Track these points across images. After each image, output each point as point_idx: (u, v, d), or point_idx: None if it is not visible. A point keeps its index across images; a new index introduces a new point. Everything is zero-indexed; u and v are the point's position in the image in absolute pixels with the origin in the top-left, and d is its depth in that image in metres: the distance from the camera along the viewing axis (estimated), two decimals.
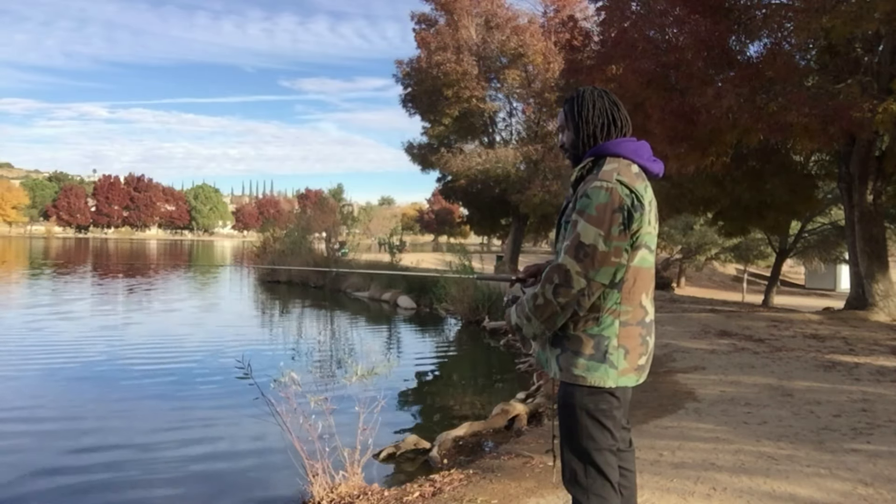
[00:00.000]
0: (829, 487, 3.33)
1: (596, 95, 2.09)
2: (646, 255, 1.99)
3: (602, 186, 1.91)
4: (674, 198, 14.59)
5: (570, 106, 2.12)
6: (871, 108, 8.76)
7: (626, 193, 1.91)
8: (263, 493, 4.45)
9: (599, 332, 1.96)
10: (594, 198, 1.91)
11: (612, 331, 1.96)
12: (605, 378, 1.95)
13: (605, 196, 1.90)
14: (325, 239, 24.52)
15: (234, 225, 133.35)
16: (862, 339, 8.69)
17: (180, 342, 10.74)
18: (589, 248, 1.89)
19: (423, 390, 7.95)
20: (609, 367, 1.95)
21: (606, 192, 1.90)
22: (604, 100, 2.09)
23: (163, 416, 6.36)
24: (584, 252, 1.89)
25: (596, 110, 2.07)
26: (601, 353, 1.95)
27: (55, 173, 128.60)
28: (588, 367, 1.96)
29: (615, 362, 1.95)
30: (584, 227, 1.90)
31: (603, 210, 1.89)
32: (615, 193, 1.90)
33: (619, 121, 2.08)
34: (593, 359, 1.96)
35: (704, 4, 10.11)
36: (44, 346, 9.84)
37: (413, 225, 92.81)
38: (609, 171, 1.95)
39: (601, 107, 2.07)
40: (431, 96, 25.14)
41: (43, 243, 67.16)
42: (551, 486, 3.43)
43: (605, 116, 2.07)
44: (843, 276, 30.54)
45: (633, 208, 1.91)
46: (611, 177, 1.93)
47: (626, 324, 1.97)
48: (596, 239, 1.89)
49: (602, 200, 1.90)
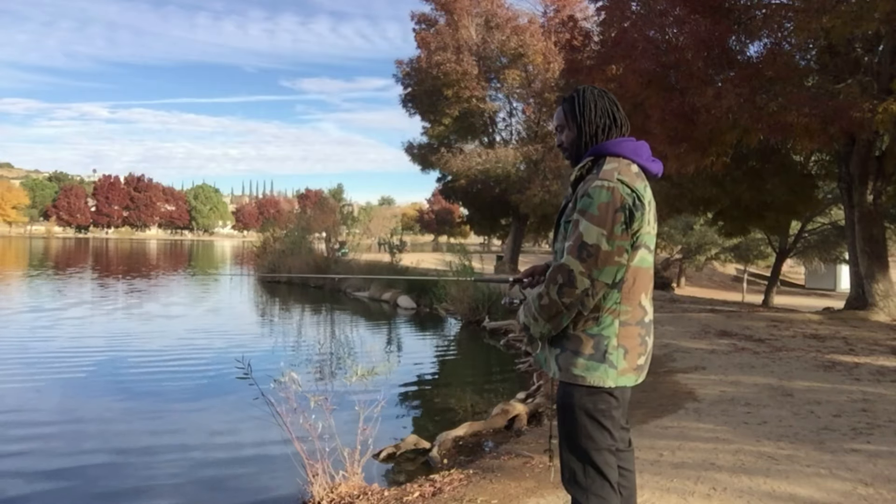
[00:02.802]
0: (829, 487, 3.32)
1: (597, 95, 2.09)
2: (645, 255, 1.99)
3: (604, 186, 1.91)
4: (674, 198, 14.58)
5: (571, 105, 2.11)
6: (871, 108, 8.75)
7: (627, 193, 1.91)
8: (263, 493, 4.45)
9: (599, 332, 1.96)
10: (596, 197, 1.90)
11: (612, 330, 1.96)
12: (605, 378, 1.95)
13: (607, 195, 1.89)
14: (325, 239, 24.52)
15: (235, 225, 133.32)
16: (862, 339, 8.69)
17: (180, 342, 10.74)
18: (592, 247, 1.89)
19: (423, 390, 7.95)
20: (608, 366, 1.95)
21: (608, 191, 1.90)
22: (604, 99, 2.09)
23: (163, 416, 6.37)
24: (588, 252, 1.89)
25: (598, 110, 2.07)
26: (601, 353, 1.95)
27: (55, 173, 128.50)
28: (587, 366, 1.96)
29: (615, 362, 1.95)
30: (587, 226, 1.89)
31: (605, 209, 1.89)
32: (617, 193, 1.90)
33: (620, 120, 2.08)
34: (593, 358, 1.96)
35: (704, 4, 10.10)
36: (44, 347, 9.84)
37: (413, 225, 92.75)
38: (610, 170, 1.95)
39: (602, 106, 2.07)
40: (431, 96, 25.14)
41: (43, 243, 67.12)
42: (551, 486, 3.43)
43: (606, 116, 2.07)
44: (843, 276, 30.52)
45: (634, 207, 1.91)
46: (612, 176, 1.93)
47: (626, 323, 1.97)
48: (599, 238, 1.88)
49: (604, 200, 1.89)
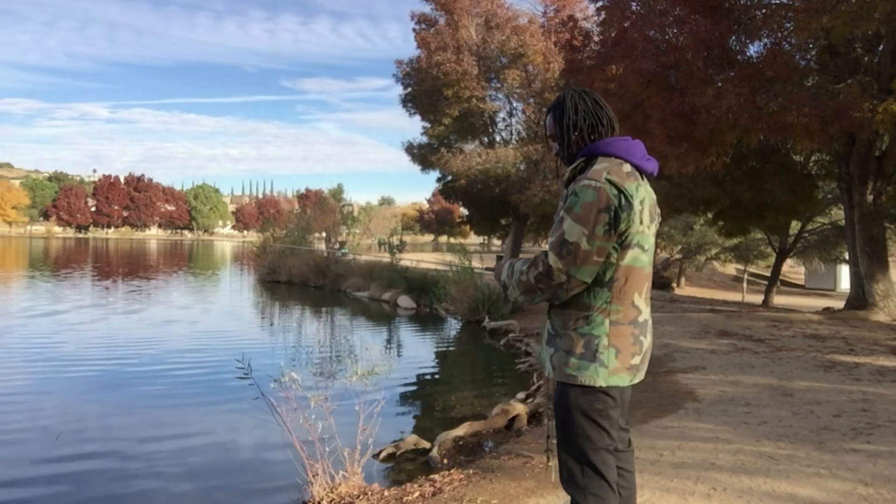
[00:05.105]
0: (829, 487, 3.32)
1: (577, 98, 2.10)
2: (638, 255, 1.99)
3: (590, 185, 1.92)
4: (674, 198, 14.57)
5: (553, 115, 2.14)
6: (871, 108, 8.74)
7: (614, 193, 1.91)
8: (264, 493, 4.46)
9: (590, 332, 1.97)
10: (582, 196, 1.92)
11: (603, 330, 1.96)
12: (595, 377, 1.95)
13: (593, 195, 1.91)
14: (325, 239, 24.51)
15: (235, 225, 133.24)
16: (862, 339, 8.69)
17: (180, 342, 10.74)
18: (572, 245, 1.90)
19: (423, 390, 7.95)
20: (599, 366, 1.95)
21: (594, 191, 1.91)
22: (586, 101, 2.09)
23: (163, 415, 6.37)
24: (567, 249, 1.91)
25: (580, 114, 2.07)
26: (591, 353, 1.96)
27: (55, 173, 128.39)
28: (578, 365, 1.97)
29: (605, 361, 1.95)
30: (570, 224, 1.91)
31: (589, 209, 1.90)
32: (603, 193, 1.90)
33: (605, 119, 2.08)
34: (584, 358, 1.96)
35: (704, 4, 10.10)
36: (45, 347, 9.84)
37: (413, 225, 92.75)
38: (599, 169, 1.96)
39: (584, 109, 2.08)
40: (431, 96, 25.12)
41: (43, 243, 67.12)
42: (551, 486, 3.43)
43: (590, 117, 2.07)
44: (843, 276, 30.53)
45: (620, 208, 1.91)
46: (600, 176, 1.93)
47: (618, 323, 1.97)
48: (580, 237, 1.90)
49: (589, 199, 1.91)
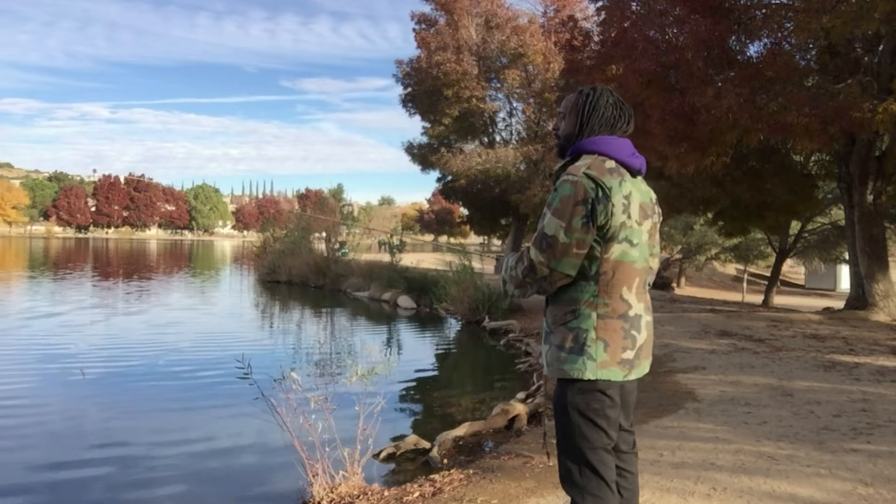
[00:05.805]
0: (829, 487, 3.32)
1: (606, 103, 2.11)
2: (627, 250, 2.00)
3: (568, 180, 1.98)
4: (674, 198, 14.57)
5: (577, 101, 2.15)
6: (871, 108, 8.75)
7: (591, 186, 1.95)
8: (264, 493, 4.45)
9: (577, 325, 1.99)
10: (560, 191, 1.98)
11: (590, 323, 1.98)
12: (583, 370, 1.97)
13: (570, 189, 1.96)
14: (325, 239, 24.50)
15: (235, 225, 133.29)
16: (862, 339, 8.69)
17: (180, 342, 10.73)
18: (551, 238, 1.95)
19: (423, 390, 7.94)
20: (587, 358, 1.97)
21: (571, 185, 1.96)
22: (611, 110, 2.11)
23: (163, 415, 6.37)
24: (547, 243, 1.96)
25: (602, 119, 2.10)
26: (579, 346, 1.98)
27: (55, 173, 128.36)
28: (567, 359, 2.00)
29: (593, 354, 1.97)
30: (549, 219, 1.97)
31: (566, 202, 1.95)
32: (580, 186, 1.95)
33: (618, 129, 2.12)
34: (572, 352, 1.99)
35: (704, 4, 10.10)
36: (45, 347, 9.84)
37: (413, 225, 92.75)
38: (579, 165, 2.01)
39: (608, 117, 2.10)
40: (431, 96, 25.14)
41: (43, 243, 67.12)
42: (551, 485, 3.43)
43: (606, 126, 2.11)
44: (843, 276, 30.53)
45: (597, 200, 1.94)
46: (578, 171, 1.98)
47: (605, 317, 1.99)
48: (557, 230, 1.94)
49: (566, 193, 1.96)
